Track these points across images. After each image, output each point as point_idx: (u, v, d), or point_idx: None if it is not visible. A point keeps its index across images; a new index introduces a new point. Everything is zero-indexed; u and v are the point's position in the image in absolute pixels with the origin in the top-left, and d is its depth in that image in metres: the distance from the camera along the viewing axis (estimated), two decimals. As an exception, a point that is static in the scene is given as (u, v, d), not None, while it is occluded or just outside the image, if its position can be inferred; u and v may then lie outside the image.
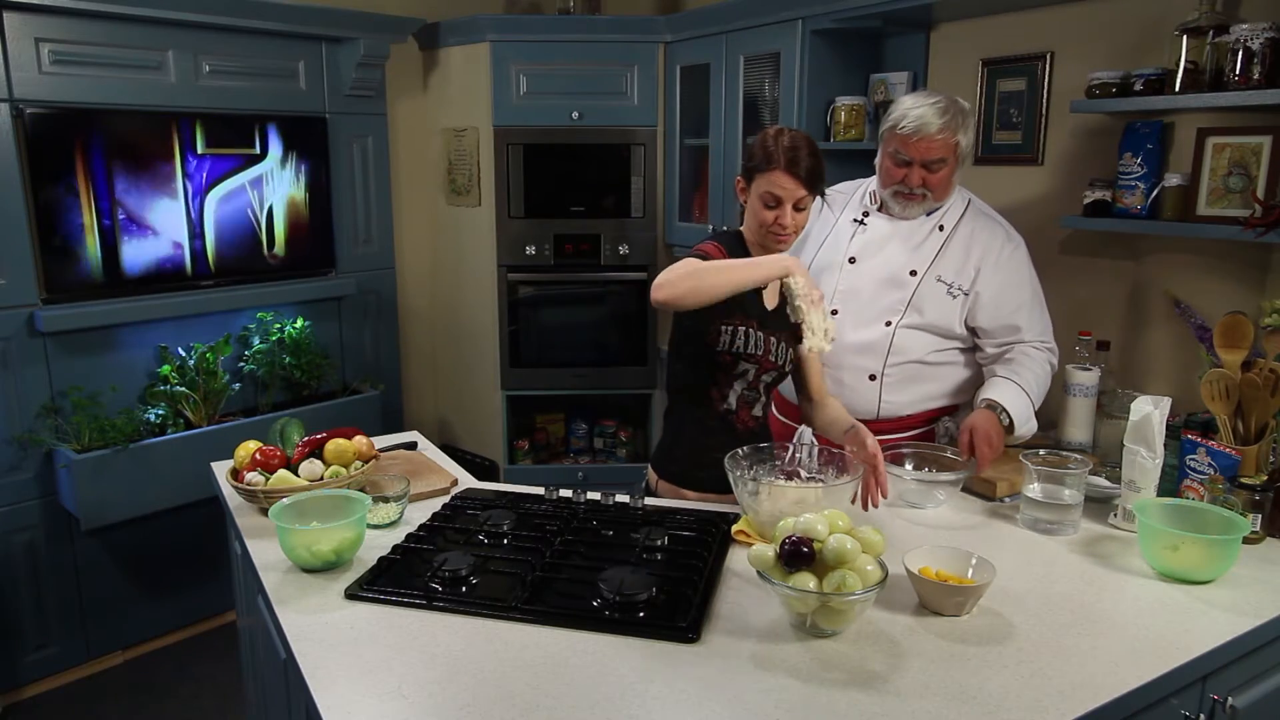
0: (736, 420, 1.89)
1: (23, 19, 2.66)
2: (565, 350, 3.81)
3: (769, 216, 1.79)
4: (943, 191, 2.06)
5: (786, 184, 1.75)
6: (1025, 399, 2.01)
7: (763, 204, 1.79)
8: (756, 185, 1.79)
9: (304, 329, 3.37)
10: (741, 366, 1.86)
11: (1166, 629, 1.37)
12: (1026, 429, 2.02)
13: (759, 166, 1.78)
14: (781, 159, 1.75)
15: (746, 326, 1.84)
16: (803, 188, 1.76)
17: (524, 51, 3.51)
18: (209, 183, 3.10)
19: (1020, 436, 2.03)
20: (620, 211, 3.67)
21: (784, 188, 1.76)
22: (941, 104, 1.99)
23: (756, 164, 1.78)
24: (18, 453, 2.80)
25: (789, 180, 1.75)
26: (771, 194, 1.77)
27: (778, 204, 1.78)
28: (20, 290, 2.74)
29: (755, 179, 1.79)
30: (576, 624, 1.36)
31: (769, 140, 1.78)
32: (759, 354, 1.85)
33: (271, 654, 1.55)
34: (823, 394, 1.98)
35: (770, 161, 1.76)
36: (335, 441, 1.88)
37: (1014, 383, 2.01)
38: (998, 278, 2.07)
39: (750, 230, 1.87)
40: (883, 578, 1.32)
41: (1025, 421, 2.01)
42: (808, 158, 1.76)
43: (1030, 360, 2.06)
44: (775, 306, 1.91)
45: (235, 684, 2.84)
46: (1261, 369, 1.71)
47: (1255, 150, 2.10)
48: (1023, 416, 2.00)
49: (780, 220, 1.79)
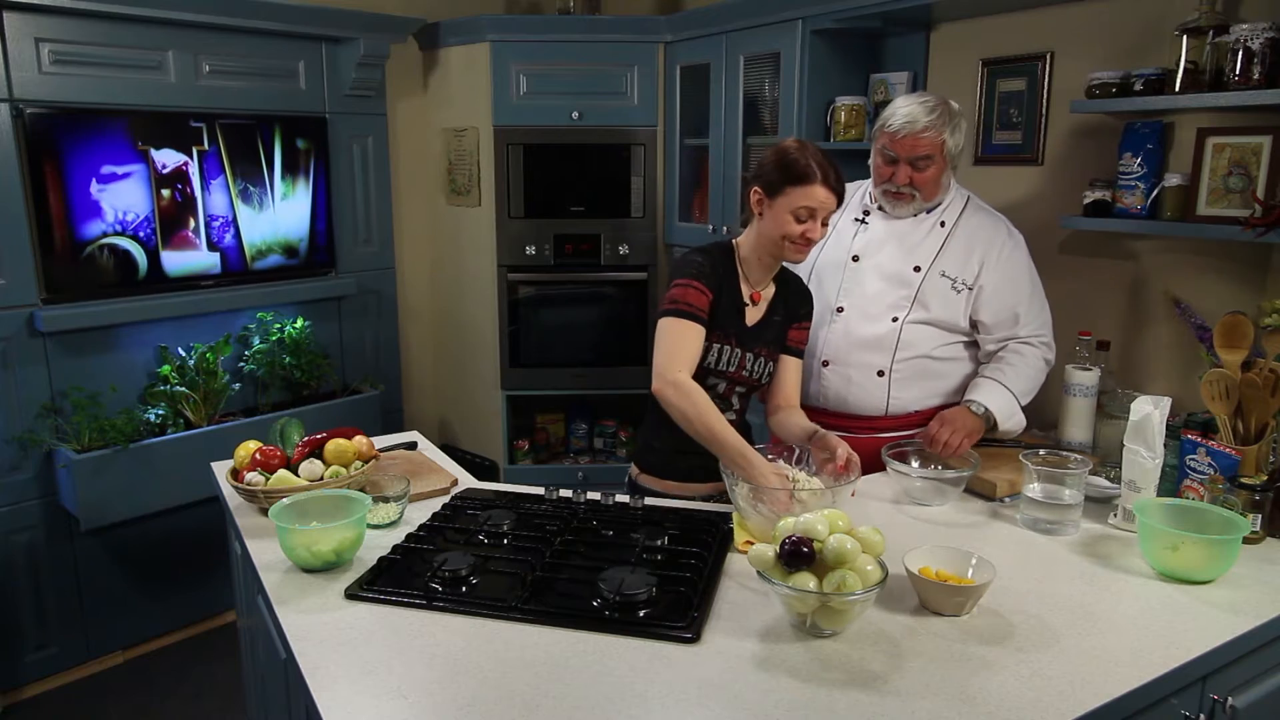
0: None
1: (23, 19, 2.66)
2: (565, 350, 3.81)
3: (798, 230, 1.79)
4: (931, 191, 2.07)
5: (824, 197, 1.77)
6: (1007, 395, 2.04)
7: (794, 218, 1.78)
8: (788, 199, 1.78)
9: (304, 329, 3.37)
10: (711, 380, 1.88)
11: (1166, 629, 1.37)
12: (1012, 424, 2.05)
13: (793, 180, 1.76)
14: (818, 173, 1.76)
15: (723, 344, 1.87)
16: (835, 201, 1.79)
17: (524, 51, 3.51)
18: (209, 183, 3.10)
19: (1008, 431, 2.05)
20: (620, 211, 3.67)
21: (821, 201, 1.77)
22: (930, 103, 2.02)
23: (790, 178, 1.77)
24: (18, 453, 2.80)
25: (826, 194, 1.77)
26: (807, 208, 1.77)
27: (810, 217, 1.78)
28: (20, 290, 2.74)
29: (787, 192, 1.78)
30: (576, 624, 1.36)
31: (797, 154, 1.77)
32: (730, 370, 1.88)
33: (271, 654, 1.55)
34: (793, 401, 1.99)
35: (809, 176, 1.76)
36: (335, 441, 1.88)
37: (996, 381, 2.05)
38: (1000, 272, 2.08)
39: (767, 241, 1.85)
40: (883, 578, 1.32)
41: (1009, 417, 2.04)
42: (836, 170, 1.79)
43: (1020, 358, 2.08)
44: (755, 323, 1.92)
45: (235, 684, 2.84)
46: (1261, 369, 1.71)
47: (1255, 150, 2.10)
48: (1005, 412, 2.03)
49: (810, 234, 1.79)
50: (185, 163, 3.03)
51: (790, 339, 1.98)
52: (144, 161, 2.93)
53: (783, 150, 1.80)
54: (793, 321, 1.98)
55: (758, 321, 1.92)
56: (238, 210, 3.19)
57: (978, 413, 2.01)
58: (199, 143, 3.06)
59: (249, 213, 3.22)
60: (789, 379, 1.99)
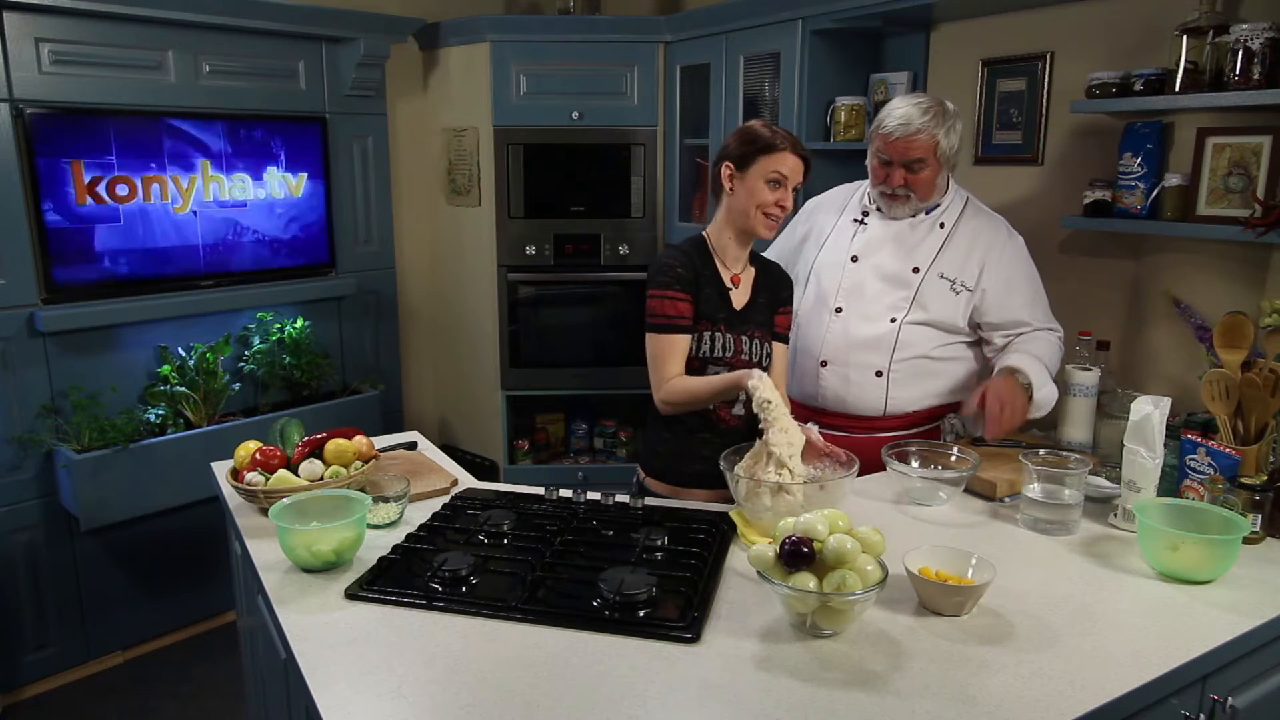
0: (717, 420, 1.92)
1: (23, 19, 2.66)
2: (565, 350, 3.81)
3: (771, 198, 1.85)
4: (926, 192, 2.07)
5: (793, 164, 1.85)
6: (1039, 365, 2.02)
7: (767, 185, 1.84)
8: (759, 167, 1.84)
9: (304, 329, 3.37)
10: (711, 370, 1.89)
11: (1166, 629, 1.37)
12: (1045, 392, 2.01)
13: (763, 149, 1.83)
14: (786, 142, 1.84)
15: (713, 331, 1.89)
16: (803, 169, 1.86)
17: (524, 51, 3.51)
18: (209, 183, 3.10)
19: (1040, 404, 2.01)
20: (620, 211, 3.67)
21: (791, 167, 1.84)
22: (924, 104, 2.01)
23: (759, 146, 1.84)
24: (18, 453, 2.80)
25: (795, 160, 1.85)
26: (779, 172, 1.83)
27: (782, 182, 1.84)
28: (20, 290, 2.74)
29: (758, 161, 1.84)
30: (576, 624, 1.36)
31: (762, 128, 1.86)
32: (729, 356, 1.89)
33: (271, 654, 1.55)
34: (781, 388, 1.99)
35: (776, 144, 1.83)
36: (335, 441, 1.88)
37: (1025, 352, 2.04)
38: (1002, 273, 2.08)
39: (738, 215, 1.89)
40: (883, 578, 1.32)
41: (1042, 385, 2.00)
42: (800, 141, 1.87)
43: (1038, 339, 2.09)
44: (743, 305, 1.93)
45: (235, 684, 2.83)
46: (1261, 369, 1.71)
47: (1255, 150, 2.10)
48: (1039, 379, 2.00)
49: (782, 201, 1.86)
50: (185, 163, 3.03)
51: (776, 324, 2.00)
52: (144, 162, 2.93)
53: (747, 127, 1.89)
54: (777, 306, 2.00)
55: (745, 304, 1.94)
56: (238, 210, 3.19)
57: (1023, 382, 1.97)
58: (199, 143, 3.06)
59: (249, 212, 3.22)
60: (777, 366, 2.00)
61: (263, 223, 3.27)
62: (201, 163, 3.07)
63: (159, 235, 3.00)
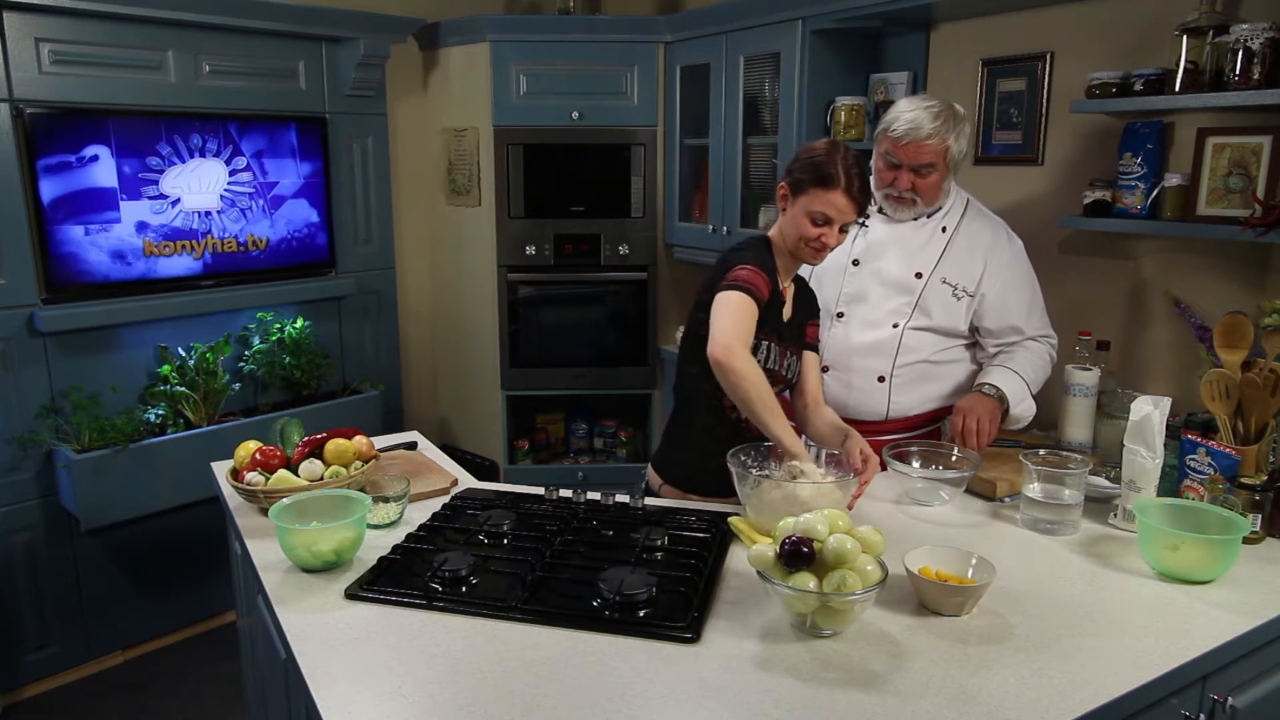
0: (745, 428, 1.86)
1: (23, 19, 2.66)
2: (565, 350, 3.81)
3: (814, 233, 1.77)
4: (932, 196, 2.05)
5: (843, 206, 1.74)
6: (1019, 380, 2.04)
7: (810, 220, 1.77)
8: (807, 200, 1.76)
9: (304, 329, 3.37)
10: None
11: (1166, 629, 1.37)
12: (1023, 408, 2.05)
13: (817, 183, 1.74)
14: (842, 179, 1.73)
15: (769, 341, 1.83)
16: (855, 212, 1.76)
17: (524, 51, 3.51)
18: (209, 183, 3.10)
19: (1018, 417, 2.05)
20: (620, 211, 3.67)
21: (839, 209, 1.74)
22: (936, 108, 1.97)
23: (815, 178, 1.74)
24: (18, 453, 2.80)
25: (847, 203, 1.74)
26: (824, 213, 1.75)
27: (826, 222, 1.76)
28: (20, 290, 2.74)
29: (808, 193, 1.76)
30: (576, 624, 1.36)
31: (825, 156, 1.75)
32: (773, 369, 1.84)
33: (271, 654, 1.55)
34: (819, 398, 1.97)
35: (831, 181, 1.73)
36: (335, 441, 1.88)
37: (1007, 368, 2.06)
38: (1002, 278, 2.08)
39: (785, 239, 1.84)
40: (883, 578, 1.32)
41: (1020, 400, 2.03)
42: (863, 180, 1.75)
43: (1027, 351, 2.09)
44: (789, 320, 1.91)
45: (235, 684, 2.83)
46: (1261, 369, 1.71)
47: (1255, 150, 2.10)
48: (1016, 395, 2.02)
49: (825, 239, 1.77)
50: (185, 163, 3.03)
51: (808, 335, 1.98)
52: (144, 162, 2.93)
53: (812, 149, 1.78)
54: (809, 318, 1.98)
55: (790, 319, 1.92)
56: (238, 210, 3.19)
57: (990, 394, 2.00)
58: (199, 143, 3.06)
59: (249, 212, 3.22)
60: (812, 375, 1.97)
61: (263, 222, 3.27)
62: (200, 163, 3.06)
63: (159, 234, 3.00)
